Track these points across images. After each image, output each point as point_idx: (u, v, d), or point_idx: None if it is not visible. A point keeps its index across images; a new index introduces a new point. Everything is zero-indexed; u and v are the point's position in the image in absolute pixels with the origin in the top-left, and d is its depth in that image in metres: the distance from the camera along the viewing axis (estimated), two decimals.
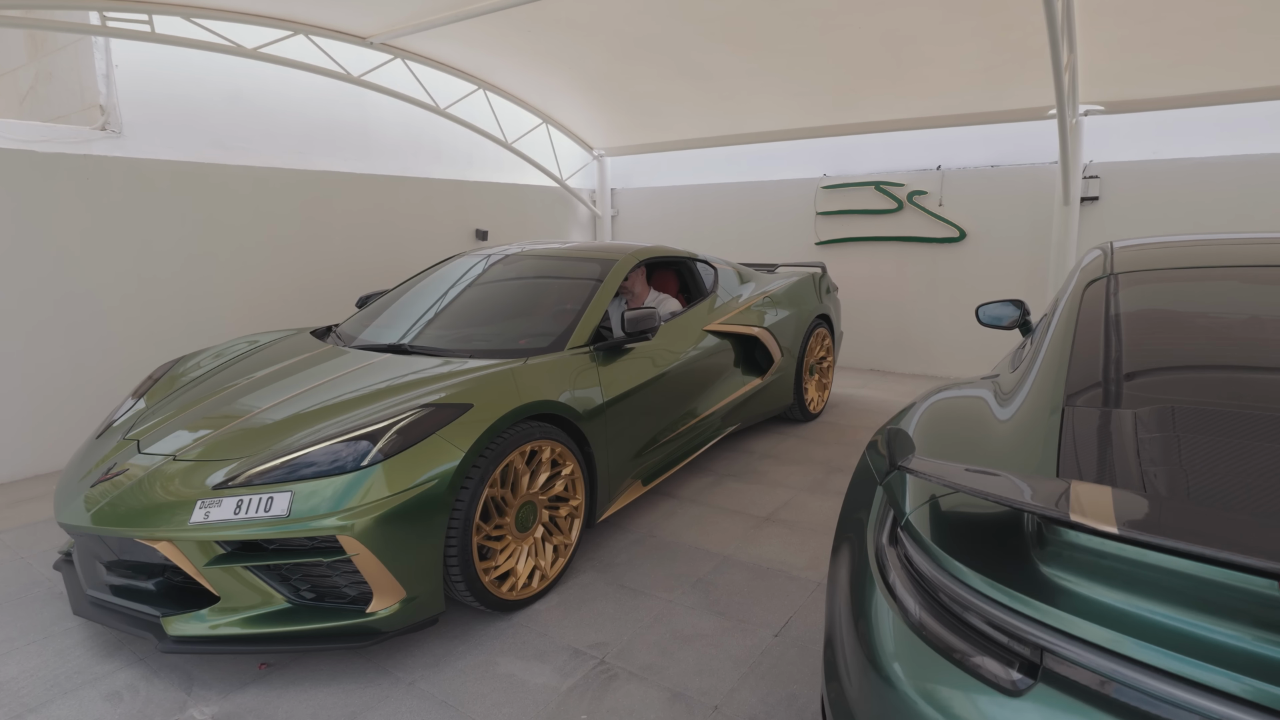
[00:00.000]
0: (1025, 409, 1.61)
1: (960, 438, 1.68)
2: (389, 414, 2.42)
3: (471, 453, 2.42)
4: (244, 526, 2.17)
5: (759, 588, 2.80)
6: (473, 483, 2.43)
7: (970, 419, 1.76)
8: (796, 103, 6.28)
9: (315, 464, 2.27)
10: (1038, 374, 1.74)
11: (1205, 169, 5.14)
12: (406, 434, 2.35)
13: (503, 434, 2.55)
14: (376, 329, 3.61)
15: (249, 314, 5.29)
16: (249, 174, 5.28)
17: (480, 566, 2.50)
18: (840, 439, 4.69)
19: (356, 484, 2.23)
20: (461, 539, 2.41)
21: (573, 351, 3.12)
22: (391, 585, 2.25)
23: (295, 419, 2.55)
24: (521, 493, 2.67)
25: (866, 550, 1.53)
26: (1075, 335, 1.78)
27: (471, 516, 2.43)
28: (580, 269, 3.74)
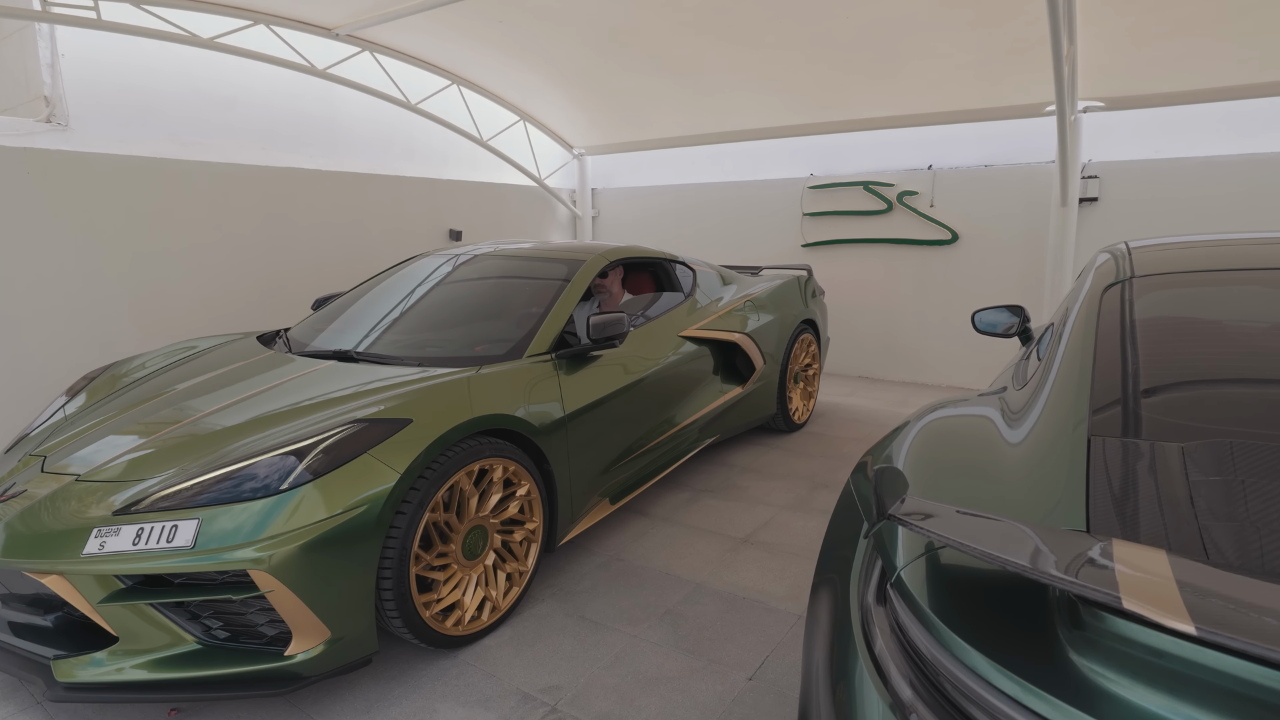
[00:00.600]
0: (1040, 433, 1.36)
1: (963, 466, 1.43)
2: (315, 431, 2.16)
3: (409, 474, 2.15)
4: (141, 559, 1.90)
5: (733, 621, 2.55)
6: (411, 507, 2.17)
7: (974, 443, 1.52)
8: (782, 99, 6.05)
9: (229, 487, 2.01)
10: (1052, 391, 1.50)
11: (1210, 168, 4.93)
12: (334, 453, 2.09)
13: (447, 452, 2.29)
14: (328, 334, 3.34)
15: (205, 316, 5.01)
16: (206, 170, 5.00)
17: (420, 600, 2.24)
18: (826, 451, 4.45)
19: (274, 510, 1.96)
20: (397, 570, 2.14)
21: (532, 360, 2.86)
22: (314, 625, 1.98)
23: (217, 435, 2.28)
24: (469, 516, 2.41)
25: (849, 604, 1.29)
26: (1096, 347, 1.54)
27: (409, 545, 2.16)
28: (546, 270, 3.48)
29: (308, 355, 3.03)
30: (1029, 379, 1.71)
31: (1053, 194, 5.39)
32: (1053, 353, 1.75)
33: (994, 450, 1.45)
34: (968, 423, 1.68)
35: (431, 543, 2.30)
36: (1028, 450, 1.33)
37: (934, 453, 1.55)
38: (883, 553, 1.21)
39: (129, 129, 4.70)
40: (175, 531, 1.92)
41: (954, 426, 1.70)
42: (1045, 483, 1.21)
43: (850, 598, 1.30)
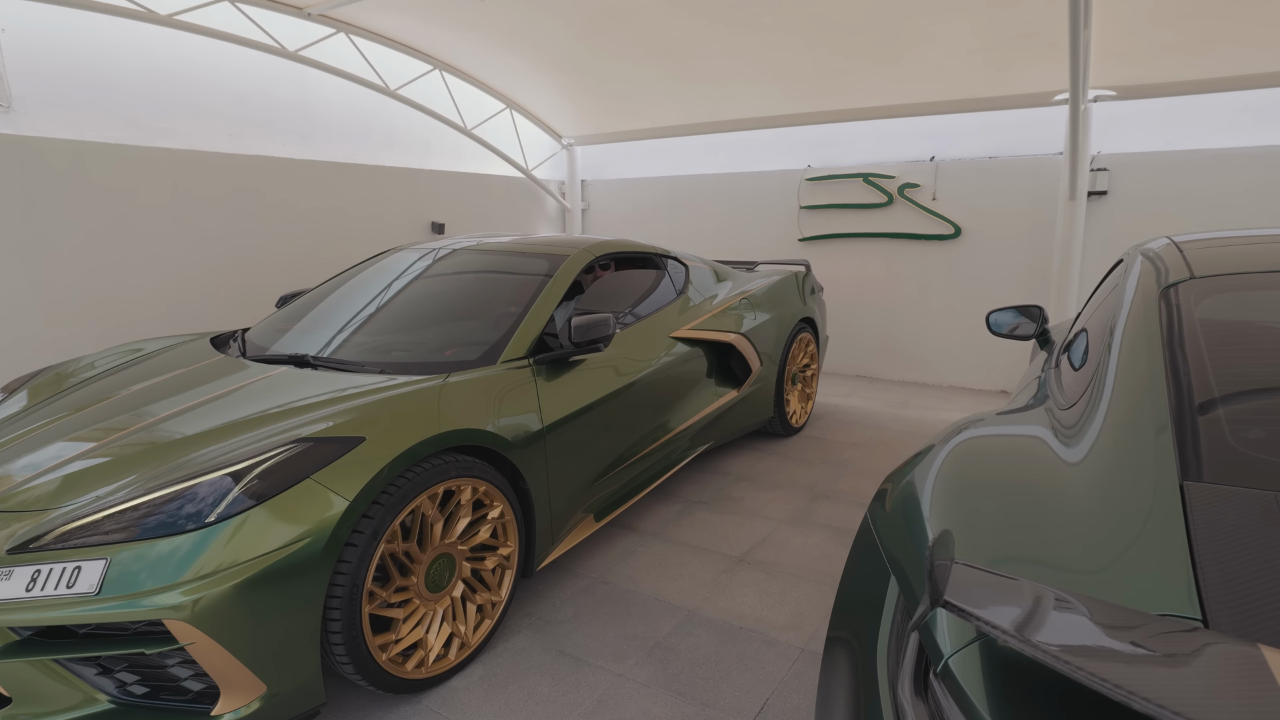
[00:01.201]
0: (1109, 460, 1.13)
1: (1011, 494, 1.19)
2: (251, 452, 1.89)
3: (360, 500, 1.89)
4: (35, 608, 1.63)
5: (729, 656, 2.30)
6: (363, 538, 1.90)
7: (1022, 467, 1.28)
8: (779, 86, 5.78)
9: (145, 519, 1.74)
10: (1114, 408, 1.25)
11: (1225, 161, 4.70)
12: (271, 478, 1.82)
13: (407, 473, 2.03)
14: (287, 336, 3.07)
15: (166, 314, 4.71)
16: (169, 157, 4.70)
17: (375, 643, 1.98)
18: (826, 457, 4.21)
19: (198, 547, 1.70)
20: (348, 611, 1.89)
21: (507, 365, 2.60)
22: (245, 679, 1.72)
23: (140, 457, 2.00)
24: (433, 545, 2.15)
25: (877, 686, 1.04)
26: (1168, 356, 1.29)
27: (361, 581, 1.90)
28: (526, 265, 3.22)
29: (262, 360, 2.75)
30: (1080, 394, 1.46)
31: (1061, 187, 5.16)
32: (1102, 363, 1.51)
33: (1050, 476, 1.22)
34: (1012, 444, 1.44)
35: (389, 576, 2.05)
36: (1095, 480, 1.09)
37: (973, 486, 1.30)
38: (924, 631, 0.96)
39: (81, 112, 4.39)
40: (78, 575, 1.65)
41: (994, 448, 1.45)
42: (1127, 530, 0.96)
43: (878, 677, 1.06)
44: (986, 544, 1.07)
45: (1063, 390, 1.73)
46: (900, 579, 1.14)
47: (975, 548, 1.06)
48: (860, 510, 3.43)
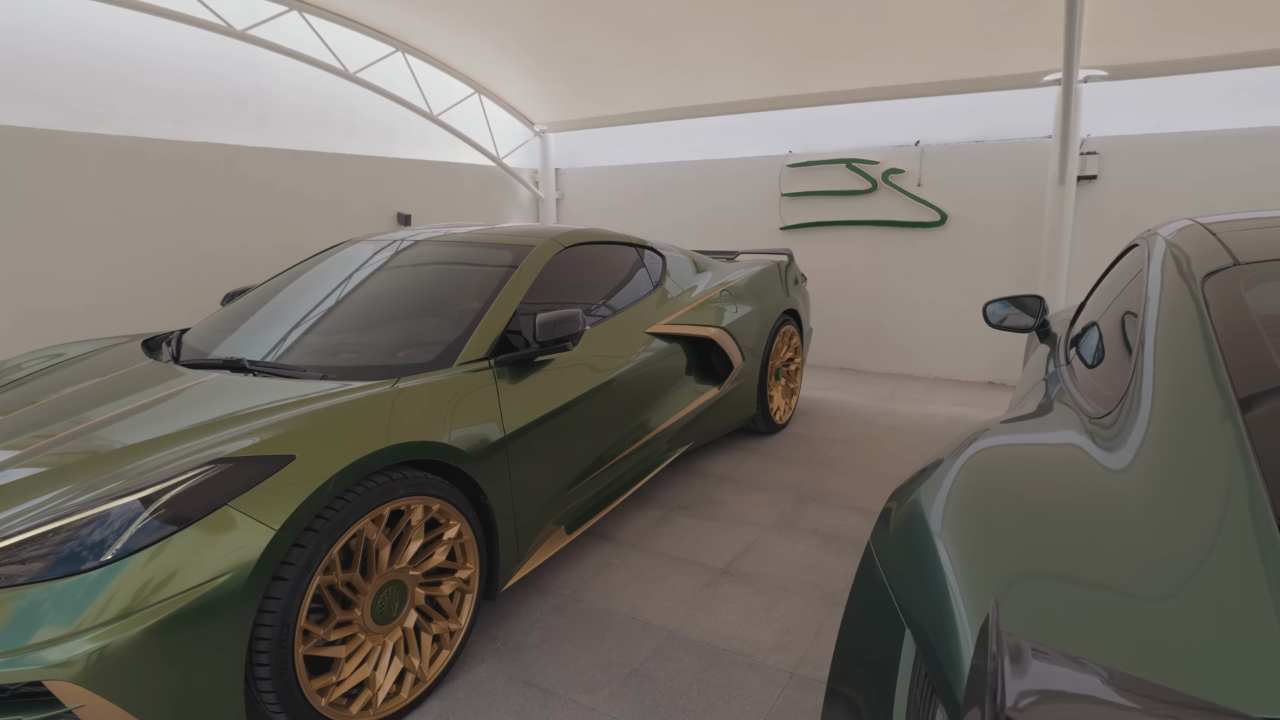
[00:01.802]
0: (1173, 482, 0.93)
1: (1055, 529, 0.99)
2: (160, 477, 1.64)
3: (289, 529, 1.65)
4: None
5: (712, 683, 2.09)
6: (295, 570, 1.67)
7: (1058, 485, 1.08)
8: (758, 67, 5.55)
9: (26, 559, 1.49)
10: (1163, 410, 1.06)
11: (1218, 143, 4.56)
12: (182, 506, 1.58)
13: (346, 495, 1.79)
14: (224, 337, 2.80)
15: (107, 314, 4.40)
16: (105, 144, 4.37)
17: (312, 687, 1.74)
18: (812, 456, 4.02)
19: (93, 589, 1.46)
20: (277, 655, 1.65)
21: (465, 368, 2.36)
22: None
23: (32, 483, 1.74)
24: (380, 572, 1.91)
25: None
26: (1225, 349, 1.10)
27: (292, 620, 1.67)
28: (488, 257, 2.97)
29: (195, 365, 2.49)
30: (1116, 394, 1.25)
31: (1049, 171, 5.00)
32: (1137, 359, 1.31)
33: (1092, 488, 1.03)
34: (1038, 454, 1.24)
35: (328, 611, 1.81)
36: (1154, 492, 0.90)
37: (996, 498, 1.10)
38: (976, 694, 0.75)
39: (3, 94, 4.05)
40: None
41: (1017, 459, 1.25)
42: (1201, 544, 0.77)
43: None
44: (1029, 583, 0.87)
45: (1084, 390, 1.54)
46: (919, 637, 0.93)
47: (1018, 591, 0.86)
48: (850, 514, 3.24)
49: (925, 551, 1.05)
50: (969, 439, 1.41)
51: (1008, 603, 0.83)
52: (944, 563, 0.99)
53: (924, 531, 1.10)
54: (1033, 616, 0.81)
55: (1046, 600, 0.84)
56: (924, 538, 1.09)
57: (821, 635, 2.32)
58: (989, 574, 0.92)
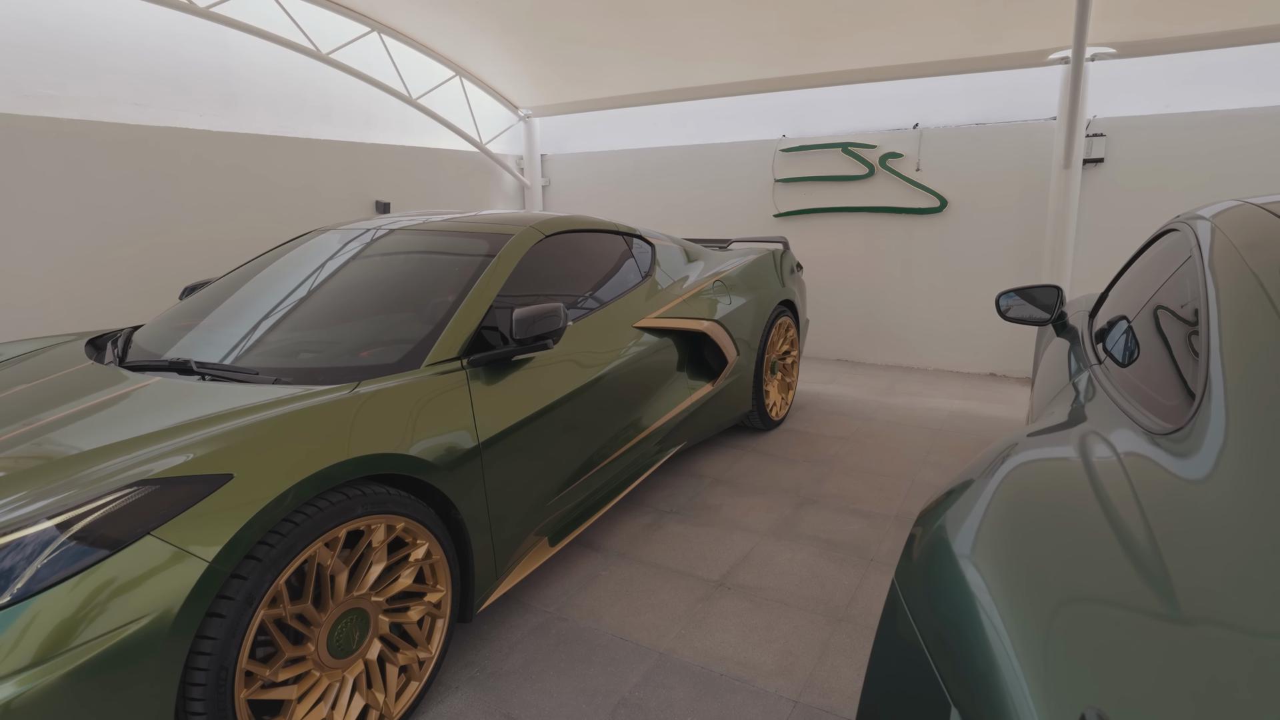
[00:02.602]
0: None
1: (1135, 557, 0.80)
2: (75, 501, 1.42)
3: (224, 560, 1.44)
4: None
5: (707, 714, 1.91)
6: (234, 605, 1.46)
7: (1130, 505, 0.89)
8: (751, 48, 5.32)
9: None
10: (1257, 416, 0.88)
11: (1232, 123, 4.38)
12: (97, 536, 1.37)
13: (294, 517, 1.58)
14: (174, 336, 2.57)
15: (64, 310, 4.15)
16: (59, 128, 4.10)
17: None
18: (810, 455, 3.83)
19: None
20: (214, 700, 1.45)
21: (434, 369, 2.15)
22: None
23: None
24: (337, 601, 1.71)
25: None
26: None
27: (232, 662, 1.46)
28: (463, 246, 2.75)
29: (137, 367, 2.26)
30: (1184, 420, 1.06)
31: (1054, 154, 4.80)
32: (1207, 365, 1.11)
33: (1176, 507, 0.84)
34: (1101, 472, 1.04)
35: (276, 647, 1.61)
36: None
37: (1053, 525, 0.92)
38: None
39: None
40: None
41: (1071, 477, 1.06)
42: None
43: None
44: (1133, 667, 0.67)
45: (1132, 395, 1.35)
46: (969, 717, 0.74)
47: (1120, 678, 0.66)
48: (852, 518, 3.06)
49: (971, 607, 0.85)
50: (1000, 455, 1.22)
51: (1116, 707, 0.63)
52: (999, 625, 0.79)
53: (965, 576, 0.91)
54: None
55: (1161, 687, 0.65)
56: (965, 585, 0.89)
57: (826, 657, 2.13)
58: (1067, 641, 0.73)
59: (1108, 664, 0.68)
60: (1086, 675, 0.67)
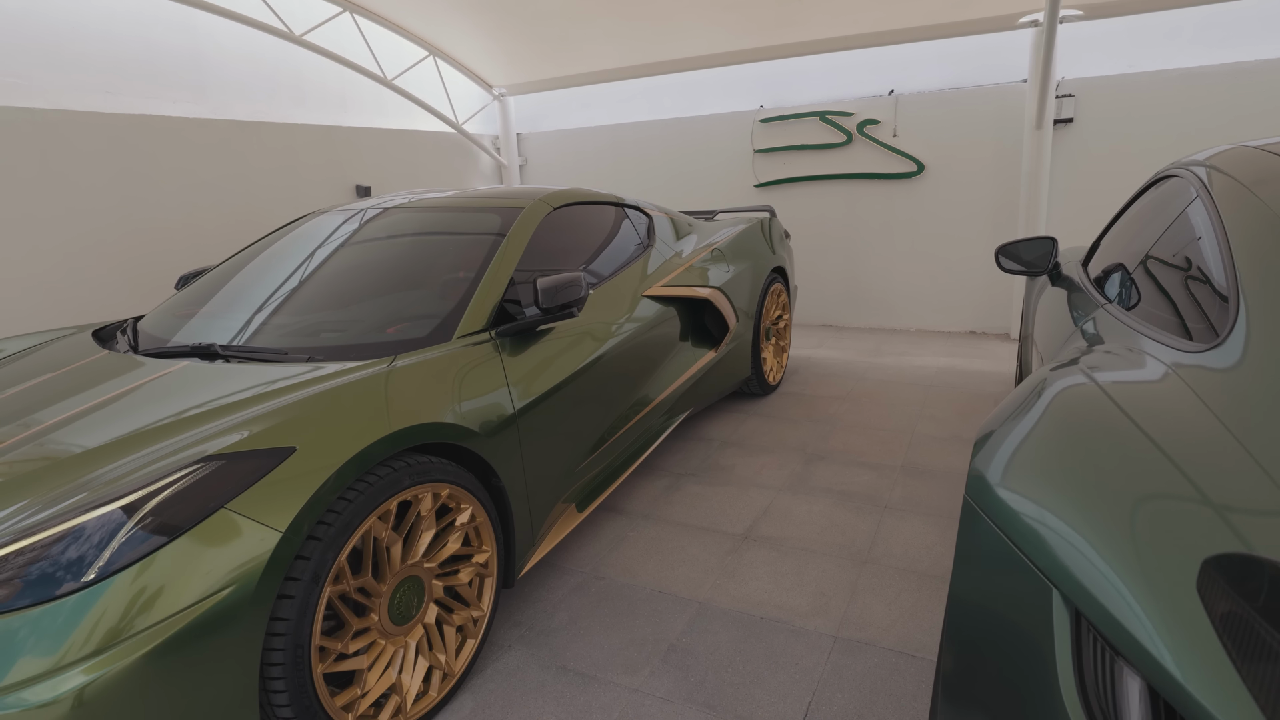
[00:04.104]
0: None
1: (1212, 444, 0.91)
2: (143, 480, 1.44)
3: (295, 530, 1.48)
4: None
5: (754, 654, 2.01)
6: (302, 585, 1.49)
7: (1193, 412, 1.00)
8: (727, 18, 5.35)
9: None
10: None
11: (1191, 80, 4.57)
12: (171, 512, 1.39)
13: (348, 493, 1.61)
14: (188, 323, 2.55)
15: (50, 306, 4.04)
16: (30, 118, 3.97)
17: (336, 705, 1.59)
18: (810, 415, 3.96)
19: (73, 617, 1.26)
20: (294, 678, 1.49)
21: (465, 341, 2.19)
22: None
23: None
24: (393, 571, 1.75)
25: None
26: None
27: (306, 639, 1.50)
28: (474, 222, 2.78)
29: (159, 355, 2.25)
30: (1221, 331, 1.17)
31: (1026, 116, 4.96)
32: (1226, 292, 1.22)
33: (1238, 410, 0.95)
34: (1150, 387, 1.15)
35: (342, 621, 1.65)
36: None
37: (1127, 430, 1.01)
38: (1177, 697, 0.66)
39: None
40: None
41: (1128, 392, 1.16)
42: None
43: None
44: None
45: (1155, 324, 1.46)
46: (1078, 595, 0.83)
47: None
48: (860, 470, 3.18)
49: (1059, 498, 0.94)
50: (1039, 385, 1.32)
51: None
52: (1099, 504, 0.89)
53: (1038, 479, 1.01)
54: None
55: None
56: (1042, 485, 0.99)
57: (857, 595, 2.25)
58: (1169, 505, 0.83)
59: (1196, 535, 0.78)
60: (1179, 545, 0.77)
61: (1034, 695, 0.84)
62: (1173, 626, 0.70)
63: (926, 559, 2.44)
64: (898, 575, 2.36)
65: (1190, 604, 0.70)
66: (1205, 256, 1.42)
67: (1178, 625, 0.69)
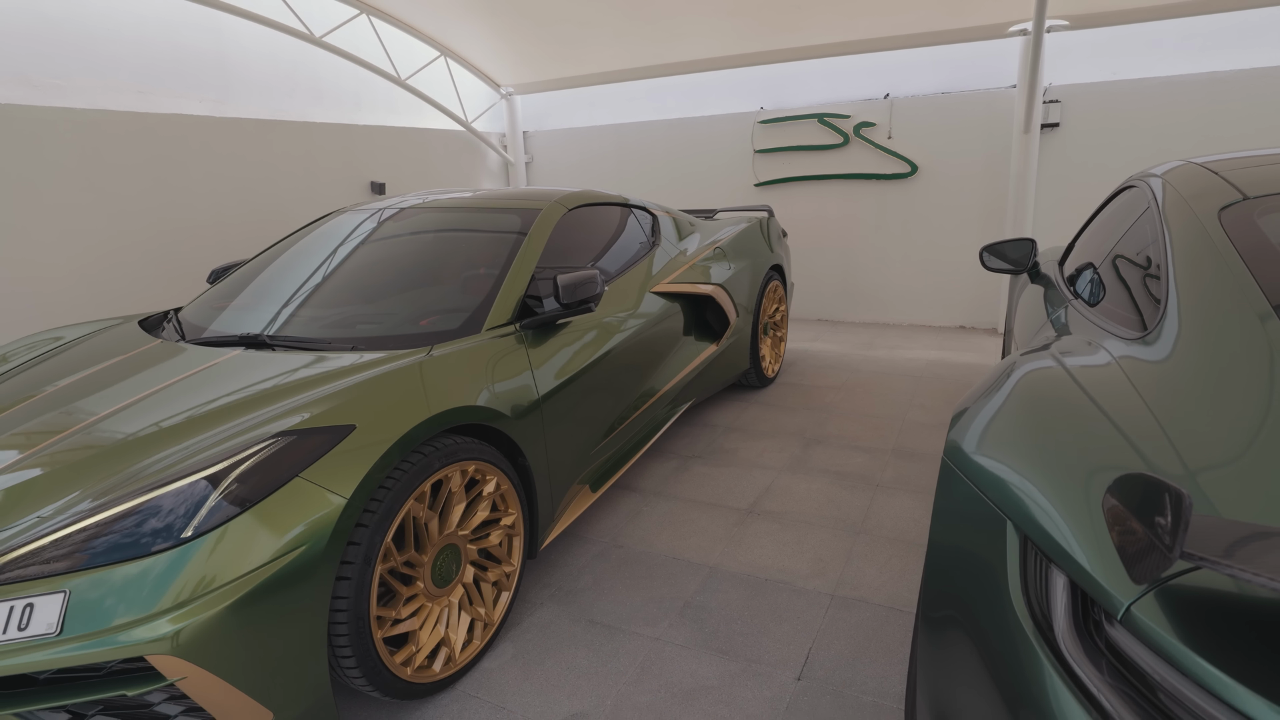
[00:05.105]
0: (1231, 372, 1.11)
1: (1130, 417, 1.15)
2: (223, 452, 1.66)
3: (360, 495, 1.70)
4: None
5: (761, 609, 2.27)
6: (356, 567, 1.70)
7: (1122, 386, 1.24)
8: (734, 22, 5.58)
9: (101, 541, 1.50)
10: (1204, 329, 1.23)
11: (1171, 89, 4.83)
12: (251, 481, 1.60)
13: (402, 464, 1.85)
14: (230, 314, 2.77)
15: (87, 295, 4.26)
16: (71, 118, 4.17)
17: (396, 661, 1.83)
18: (807, 404, 4.21)
19: (175, 567, 1.47)
20: (358, 645, 1.71)
21: (493, 333, 2.42)
22: (249, 709, 1.53)
23: (82, 466, 1.74)
24: (433, 543, 1.97)
25: (1022, 650, 0.98)
26: (1251, 271, 1.27)
27: (365, 612, 1.72)
28: (494, 222, 3.00)
29: (205, 343, 2.47)
30: (1152, 325, 1.42)
31: (1015, 120, 5.21)
32: (1164, 286, 1.47)
33: (1157, 385, 1.20)
34: (1093, 367, 1.40)
35: (393, 593, 1.88)
36: (1201, 395, 1.08)
37: (1072, 400, 1.26)
38: (1083, 579, 0.91)
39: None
40: (30, 613, 1.41)
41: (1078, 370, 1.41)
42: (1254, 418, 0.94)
43: (1019, 630, 1.00)
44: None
45: (1107, 317, 1.71)
46: (1023, 523, 1.07)
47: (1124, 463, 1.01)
48: (855, 453, 3.44)
49: (1016, 455, 1.19)
50: (1007, 368, 1.57)
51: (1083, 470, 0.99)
52: (1042, 458, 1.14)
53: (1010, 441, 1.25)
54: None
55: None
56: (1010, 445, 1.24)
57: (851, 561, 2.51)
58: (1092, 457, 1.08)
59: (1107, 475, 1.03)
60: (1095, 484, 1.02)
61: (990, 600, 1.08)
62: (1085, 536, 0.94)
63: (914, 530, 2.70)
64: (888, 544, 2.62)
65: (1097, 520, 0.95)
66: (1152, 260, 1.67)
67: (1088, 535, 0.94)
